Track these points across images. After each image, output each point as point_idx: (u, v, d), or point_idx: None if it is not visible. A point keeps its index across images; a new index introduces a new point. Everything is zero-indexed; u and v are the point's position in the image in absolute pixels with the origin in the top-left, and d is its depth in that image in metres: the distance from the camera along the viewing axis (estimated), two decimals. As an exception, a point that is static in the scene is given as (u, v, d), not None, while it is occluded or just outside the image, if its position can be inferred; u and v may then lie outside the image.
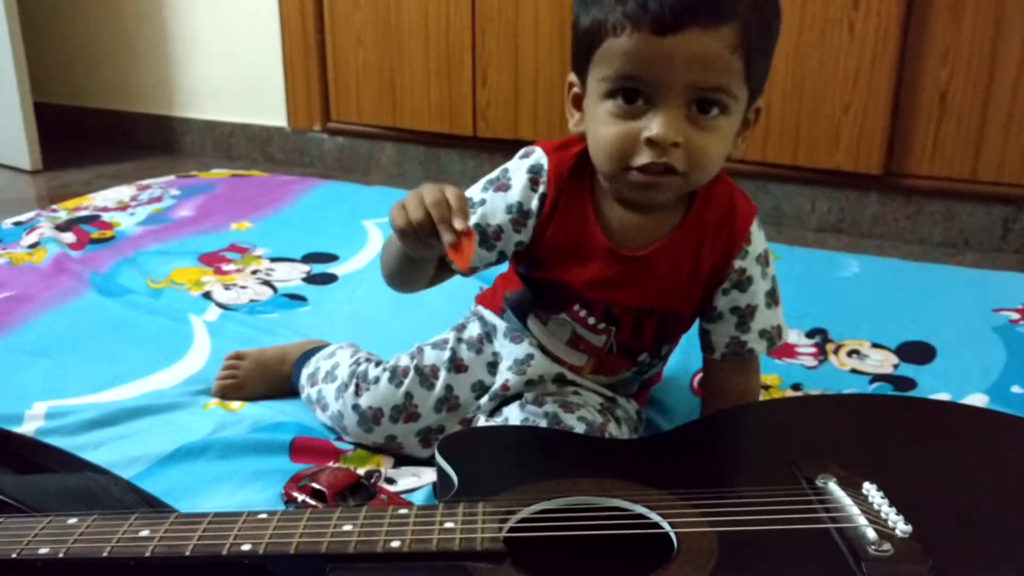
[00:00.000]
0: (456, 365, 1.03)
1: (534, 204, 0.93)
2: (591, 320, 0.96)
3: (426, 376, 1.02)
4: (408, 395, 1.02)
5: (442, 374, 1.02)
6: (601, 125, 0.85)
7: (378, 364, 1.06)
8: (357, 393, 1.03)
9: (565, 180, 0.93)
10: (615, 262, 0.93)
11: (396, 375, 1.03)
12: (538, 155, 0.95)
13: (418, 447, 1.03)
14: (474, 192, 0.96)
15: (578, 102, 0.92)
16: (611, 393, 1.02)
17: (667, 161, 0.83)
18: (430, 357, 1.03)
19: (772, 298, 0.97)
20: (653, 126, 0.82)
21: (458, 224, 0.76)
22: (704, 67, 0.80)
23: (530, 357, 1.00)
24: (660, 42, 0.79)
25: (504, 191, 0.94)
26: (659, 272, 0.93)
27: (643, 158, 0.83)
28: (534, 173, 0.94)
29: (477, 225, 0.93)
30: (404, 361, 1.04)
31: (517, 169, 0.95)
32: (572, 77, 0.92)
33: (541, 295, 0.99)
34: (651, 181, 0.84)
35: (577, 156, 0.94)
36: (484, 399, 1.01)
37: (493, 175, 0.97)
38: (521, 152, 0.97)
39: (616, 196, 0.92)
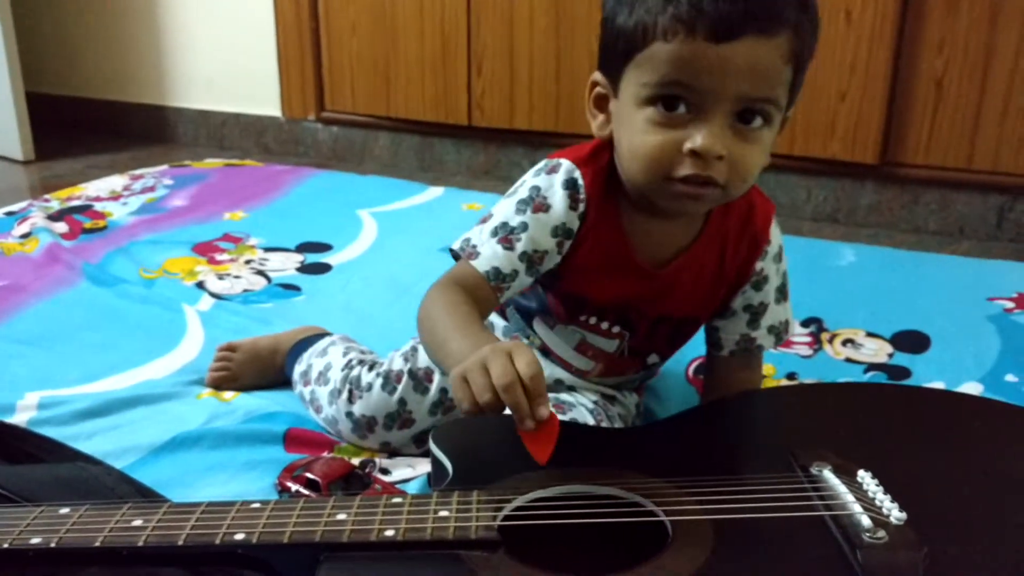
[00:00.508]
0: None
1: (575, 224, 0.88)
2: (604, 325, 0.94)
3: (420, 380, 1.00)
4: (402, 401, 1.00)
5: (436, 377, 0.99)
6: (639, 133, 0.80)
7: (371, 367, 1.03)
8: (350, 400, 1.01)
9: (600, 195, 0.88)
10: (641, 279, 0.90)
11: (389, 381, 1.00)
12: (569, 168, 0.88)
13: (413, 448, 1.02)
14: (507, 215, 0.88)
15: (600, 103, 0.87)
16: (612, 391, 1.01)
17: (710, 174, 0.79)
18: (425, 358, 1.00)
19: (781, 293, 0.96)
20: (698, 137, 0.77)
21: (541, 412, 0.68)
22: (757, 77, 0.77)
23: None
24: (715, 49, 0.75)
25: (545, 212, 0.87)
26: (684, 284, 0.91)
27: (685, 169, 0.79)
28: (571, 189, 0.88)
29: (524, 253, 0.87)
30: (398, 364, 1.01)
31: (551, 186, 0.88)
32: (598, 76, 0.86)
33: (552, 304, 0.95)
34: (693, 192, 0.80)
35: (608, 167, 0.89)
36: None
37: (523, 194, 0.89)
38: (544, 166, 0.90)
39: (644, 204, 0.87)
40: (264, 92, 2.53)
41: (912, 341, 1.29)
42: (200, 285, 1.47)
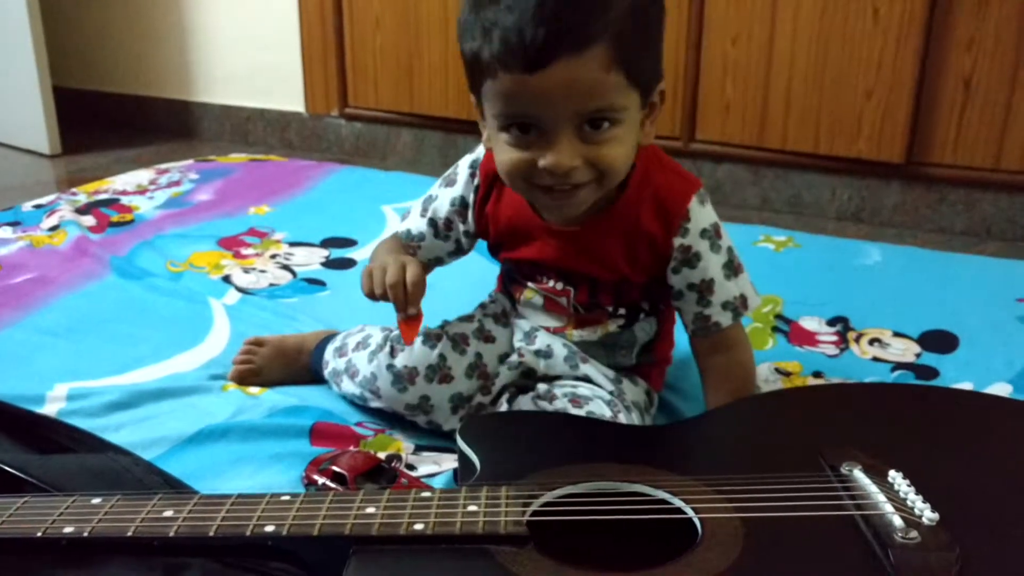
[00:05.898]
0: (485, 336, 1.05)
1: (471, 196, 1.02)
2: (549, 283, 1.01)
3: (457, 342, 1.04)
4: (442, 356, 1.03)
5: (472, 341, 1.05)
6: (502, 152, 0.88)
7: None
8: (392, 354, 1.04)
9: (495, 173, 0.96)
10: (552, 238, 0.97)
11: (429, 338, 1.04)
12: (480, 151, 1.02)
13: (448, 414, 1.03)
14: (434, 189, 1.06)
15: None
16: (614, 374, 1.02)
17: (567, 182, 0.86)
18: (458, 327, 1.06)
19: (730, 269, 0.98)
20: (547, 157, 0.84)
21: (410, 310, 0.91)
22: (582, 93, 0.82)
23: (535, 329, 1.04)
24: (532, 80, 0.80)
25: (451, 186, 1.04)
26: (606, 245, 0.96)
27: (545, 180, 0.86)
28: (473, 168, 1.02)
29: (432, 219, 1.05)
30: (435, 330, 1.06)
31: (463, 165, 1.03)
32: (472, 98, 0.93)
33: (510, 272, 1.06)
34: (560, 200, 0.88)
35: None
36: (503, 367, 1.04)
37: (448, 172, 1.05)
38: (474, 152, 1.04)
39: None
40: (288, 88, 2.54)
41: (940, 341, 1.28)
42: (226, 279, 1.48)
